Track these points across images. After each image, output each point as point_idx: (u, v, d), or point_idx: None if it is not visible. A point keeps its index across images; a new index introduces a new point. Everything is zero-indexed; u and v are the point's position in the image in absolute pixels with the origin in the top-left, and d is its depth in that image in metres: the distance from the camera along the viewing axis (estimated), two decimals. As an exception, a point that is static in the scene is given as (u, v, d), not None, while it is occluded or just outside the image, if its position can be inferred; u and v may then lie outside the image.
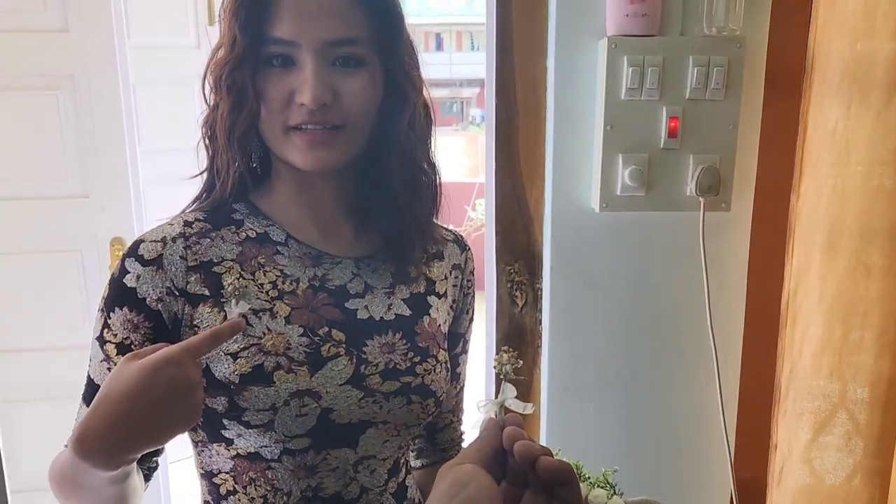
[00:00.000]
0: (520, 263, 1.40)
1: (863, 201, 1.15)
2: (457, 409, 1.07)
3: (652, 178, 1.27)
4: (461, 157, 9.67)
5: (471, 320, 1.05)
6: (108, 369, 0.83)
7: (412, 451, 1.07)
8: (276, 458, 0.84)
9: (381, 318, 0.89)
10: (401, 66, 0.88)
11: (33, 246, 2.13)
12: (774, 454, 1.33)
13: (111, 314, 0.83)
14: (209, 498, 0.89)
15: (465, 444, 1.07)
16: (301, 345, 0.83)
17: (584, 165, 1.30)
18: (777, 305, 1.34)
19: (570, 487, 0.55)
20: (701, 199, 1.26)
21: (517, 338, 1.42)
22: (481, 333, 1.46)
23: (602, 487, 0.86)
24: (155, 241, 0.83)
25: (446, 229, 1.01)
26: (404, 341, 0.89)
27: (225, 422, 0.83)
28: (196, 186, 0.92)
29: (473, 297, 1.04)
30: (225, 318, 0.81)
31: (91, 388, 0.86)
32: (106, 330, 0.83)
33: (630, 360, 1.39)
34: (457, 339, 1.03)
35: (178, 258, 0.83)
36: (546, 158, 1.33)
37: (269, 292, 0.85)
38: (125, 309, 0.82)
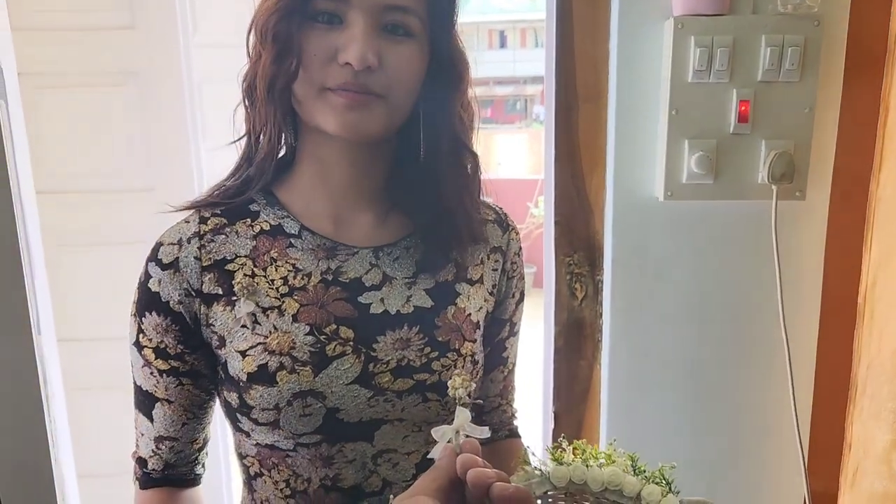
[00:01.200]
0: (579, 255, 1.35)
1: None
2: (505, 392, 1.04)
3: (720, 166, 1.20)
4: (525, 154, 9.62)
5: (519, 302, 1.00)
6: (151, 374, 0.85)
7: None
8: (291, 448, 0.83)
9: (398, 311, 0.85)
10: (455, 44, 0.85)
11: (100, 238, 2.19)
12: (848, 454, 1.25)
13: (143, 319, 0.84)
14: (244, 477, 0.91)
15: (516, 423, 1.06)
16: (306, 344, 0.81)
17: (648, 152, 1.25)
18: (856, 301, 1.26)
19: None
20: (773, 188, 1.19)
21: (576, 331, 1.38)
22: (539, 327, 1.42)
23: (657, 483, 0.81)
24: (172, 243, 0.84)
25: (487, 207, 0.97)
26: (421, 335, 0.85)
27: (238, 416, 0.83)
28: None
29: (522, 278, 1.00)
30: (235, 316, 0.82)
31: (140, 395, 0.88)
32: (141, 335, 0.85)
33: (696, 356, 1.32)
34: (502, 324, 0.99)
35: (192, 259, 0.83)
36: (608, 145, 1.28)
37: (280, 288, 0.83)
38: (154, 314, 0.83)
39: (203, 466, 0.95)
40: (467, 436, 0.63)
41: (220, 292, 0.82)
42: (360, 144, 0.83)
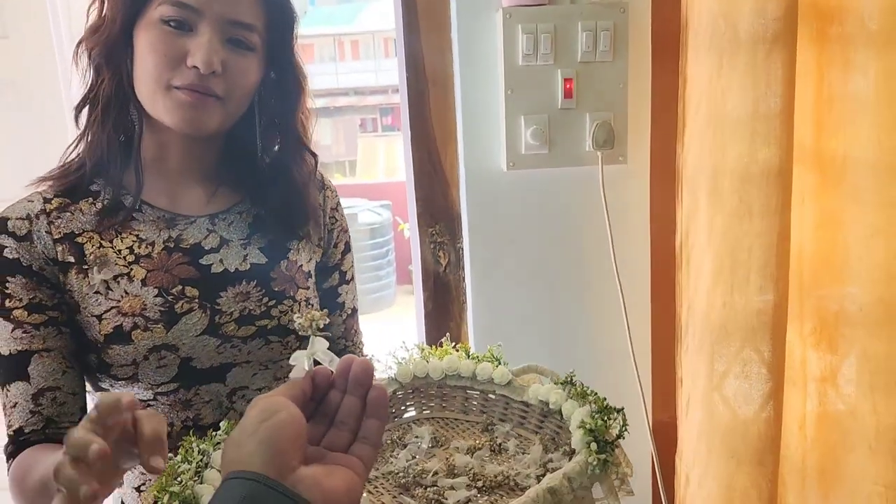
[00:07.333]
0: (441, 225, 1.49)
1: (740, 147, 1.25)
2: (348, 334, 1.15)
3: (553, 137, 1.37)
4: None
5: (345, 253, 1.13)
6: (25, 332, 0.89)
7: None
8: (151, 398, 0.93)
9: (236, 269, 0.97)
10: (295, 59, 1.00)
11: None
12: (680, 388, 1.42)
13: (6, 285, 0.90)
14: None
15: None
16: (156, 304, 0.92)
17: (492, 128, 1.40)
18: (679, 249, 1.44)
19: (380, 424, 0.61)
20: (599, 154, 1.37)
21: (444, 295, 1.52)
22: (411, 295, 1.54)
23: (489, 362, 0.96)
24: (21, 218, 0.91)
25: None
26: (259, 288, 0.98)
27: (98, 375, 0.93)
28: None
29: (343, 231, 1.13)
30: (89, 283, 0.91)
31: (10, 363, 0.90)
32: (7, 300, 0.90)
33: (548, 310, 1.48)
34: (330, 271, 1.11)
35: (44, 233, 0.91)
36: (457, 124, 1.43)
37: (127, 257, 0.93)
38: (19, 276, 0.90)
39: None
40: (317, 362, 0.73)
41: (73, 261, 0.92)
42: (196, 136, 0.95)
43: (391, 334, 1.18)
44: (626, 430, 0.83)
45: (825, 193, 1.26)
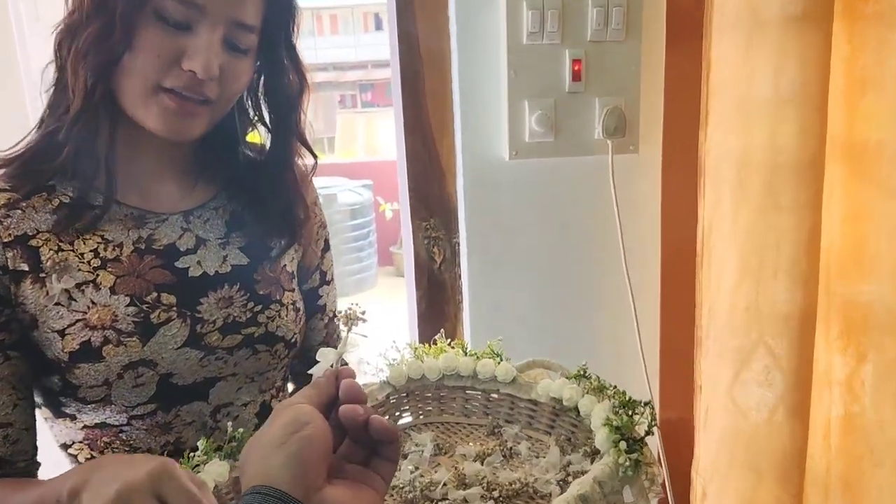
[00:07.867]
0: (435, 219, 1.38)
1: (768, 135, 1.16)
2: (329, 340, 1.06)
3: (559, 123, 1.26)
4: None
5: (325, 251, 1.05)
6: None
7: (290, 378, 1.06)
8: (124, 422, 0.83)
9: (216, 272, 0.88)
10: (299, 58, 0.91)
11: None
12: (699, 395, 1.34)
13: None
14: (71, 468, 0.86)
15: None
16: (128, 315, 0.81)
17: (493, 114, 1.29)
18: (692, 245, 1.35)
19: (393, 446, 0.60)
20: (609, 142, 1.26)
21: (438, 294, 1.41)
22: (403, 292, 1.44)
23: (490, 358, 0.87)
24: None
25: None
26: (243, 292, 0.88)
27: (62, 399, 0.81)
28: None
29: (323, 227, 1.04)
30: (47, 293, 0.79)
31: None
32: None
33: (551, 312, 1.39)
34: (310, 272, 1.03)
35: None
36: (454, 109, 1.31)
37: (91, 262, 0.82)
38: None
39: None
40: (345, 363, 0.68)
41: (27, 269, 0.80)
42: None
43: (374, 315, 1.08)
44: (655, 425, 0.75)
45: (856, 185, 1.16)
